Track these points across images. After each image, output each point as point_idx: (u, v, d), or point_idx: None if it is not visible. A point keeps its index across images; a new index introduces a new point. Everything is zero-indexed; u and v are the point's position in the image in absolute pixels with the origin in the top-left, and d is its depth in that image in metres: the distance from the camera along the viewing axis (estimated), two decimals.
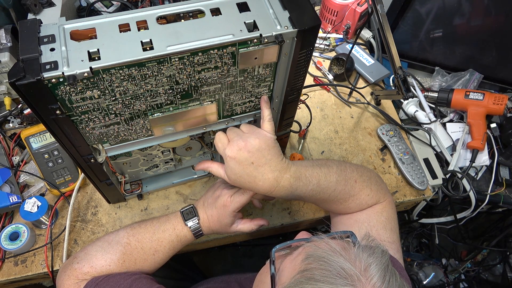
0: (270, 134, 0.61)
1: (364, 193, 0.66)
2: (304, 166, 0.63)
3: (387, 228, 0.65)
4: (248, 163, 0.58)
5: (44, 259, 0.77)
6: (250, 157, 0.58)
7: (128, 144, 0.66)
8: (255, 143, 0.58)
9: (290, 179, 0.60)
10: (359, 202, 0.67)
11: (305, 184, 0.61)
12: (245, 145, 0.58)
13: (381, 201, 0.68)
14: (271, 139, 0.61)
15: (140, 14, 0.53)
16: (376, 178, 0.71)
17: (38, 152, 0.82)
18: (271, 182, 0.59)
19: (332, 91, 1.08)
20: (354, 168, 0.68)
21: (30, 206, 0.76)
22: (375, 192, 0.67)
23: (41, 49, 0.48)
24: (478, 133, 1.00)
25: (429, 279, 1.50)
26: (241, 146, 0.58)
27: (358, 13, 1.09)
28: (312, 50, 0.59)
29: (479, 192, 0.99)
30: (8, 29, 0.91)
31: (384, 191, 0.70)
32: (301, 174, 0.61)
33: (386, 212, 0.67)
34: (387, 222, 0.66)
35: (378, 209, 0.67)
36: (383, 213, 0.67)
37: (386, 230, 0.65)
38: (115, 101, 0.55)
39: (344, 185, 0.65)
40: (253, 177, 0.59)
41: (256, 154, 0.58)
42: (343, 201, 0.66)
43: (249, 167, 0.58)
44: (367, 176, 0.68)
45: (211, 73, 0.57)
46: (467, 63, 1.12)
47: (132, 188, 0.84)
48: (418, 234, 1.60)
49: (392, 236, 0.65)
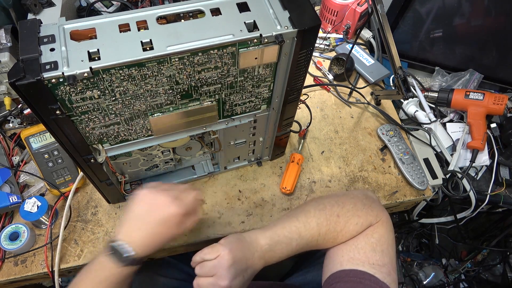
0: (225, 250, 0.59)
1: (351, 224, 0.64)
2: (281, 226, 0.63)
3: (377, 250, 0.61)
4: (242, 278, 0.59)
5: (44, 259, 0.77)
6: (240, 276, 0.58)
7: (128, 144, 0.66)
8: (228, 272, 0.57)
9: (271, 246, 0.61)
10: (350, 234, 0.64)
11: (287, 244, 0.61)
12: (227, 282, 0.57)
13: (373, 223, 0.65)
14: (228, 255, 0.59)
15: (140, 14, 0.53)
16: (363, 201, 0.67)
17: (38, 152, 0.82)
18: (261, 265, 0.61)
19: (332, 91, 1.08)
20: (334, 201, 0.66)
21: (30, 206, 0.76)
22: (363, 217, 0.64)
23: (41, 49, 0.48)
24: (478, 133, 1.00)
25: (429, 279, 1.50)
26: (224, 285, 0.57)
27: (358, 13, 1.09)
28: (312, 50, 0.59)
29: (479, 192, 0.99)
30: (8, 29, 0.91)
31: (375, 211, 0.66)
32: (279, 236, 0.61)
33: (377, 233, 0.63)
34: (378, 244, 0.62)
35: (368, 231, 0.64)
36: (374, 235, 0.63)
37: (375, 252, 0.61)
38: (115, 101, 0.55)
39: (327, 225, 0.63)
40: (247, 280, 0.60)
41: (238, 270, 0.58)
42: (334, 240, 0.64)
43: (242, 277, 0.59)
44: (350, 204, 0.66)
45: (211, 73, 0.57)
46: (467, 63, 1.12)
47: (132, 188, 0.84)
48: (418, 234, 1.60)
49: (383, 258, 0.60)
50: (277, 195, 0.88)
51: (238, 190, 0.89)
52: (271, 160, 0.93)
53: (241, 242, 0.61)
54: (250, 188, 0.89)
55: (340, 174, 0.93)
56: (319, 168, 0.93)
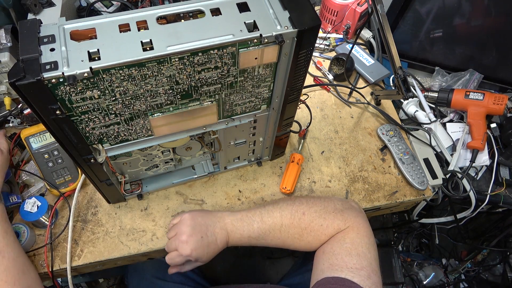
0: (186, 214, 0.71)
1: (316, 224, 0.68)
2: (247, 209, 0.72)
3: (353, 254, 0.63)
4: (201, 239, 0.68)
5: (44, 259, 0.77)
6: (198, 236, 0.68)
7: (128, 144, 0.66)
8: (187, 228, 0.68)
9: (233, 222, 0.70)
10: (315, 234, 0.68)
11: (248, 224, 0.69)
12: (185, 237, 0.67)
13: (342, 228, 0.67)
14: (189, 216, 0.70)
15: (140, 14, 0.53)
16: (336, 206, 0.70)
17: (38, 152, 0.82)
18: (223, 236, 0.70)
19: (332, 91, 1.08)
20: (305, 200, 0.71)
21: (30, 206, 0.76)
22: (330, 220, 0.67)
23: (41, 49, 0.48)
24: (478, 133, 1.00)
25: (429, 279, 1.51)
26: (183, 239, 0.67)
27: (358, 13, 1.09)
28: (312, 50, 0.59)
29: (479, 192, 0.99)
30: (8, 29, 0.91)
31: (345, 217, 0.68)
32: (243, 216, 0.71)
33: (348, 238, 0.65)
34: (352, 248, 0.64)
35: (339, 236, 0.66)
36: (346, 239, 0.65)
37: (351, 256, 0.63)
38: (115, 101, 0.55)
39: (291, 219, 0.69)
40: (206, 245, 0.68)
41: (197, 230, 0.68)
42: (299, 236, 0.69)
43: (201, 238, 0.68)
44: (320, 206, 0.70)
45: (211, 73, 0.57)
46: (467, 63, 1.12)
47: (132, 188, 0.84)
48: (418, 234, 1.60)
49: (360, 261, 0.62)
50: (277, 195, 0.88)
51: (238, 190, 0.89)
52: (271, 160, 0.93)
53: (204, 211, 0.73)
54: (250, 188, 0.89)
55: (340, 174, 0.93)
56: (319, 168, 0.93)
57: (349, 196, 0.90)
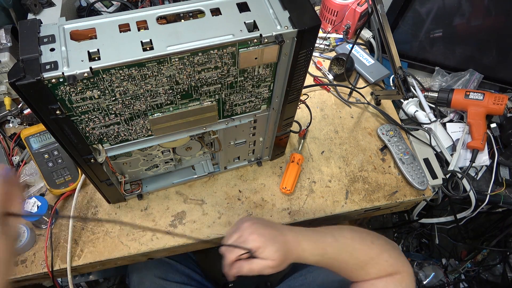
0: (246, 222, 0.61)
1: (382, 258, 0.63)
2: (312, 228, 0.63)
3: None
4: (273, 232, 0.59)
5: (44, 259, 0.77)
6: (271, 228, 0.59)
7: (128, 144, 0.66)
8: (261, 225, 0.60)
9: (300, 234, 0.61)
10: (379, 268, 0.63)
11: (322, 235, 0.62)
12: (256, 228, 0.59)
13: (400, 271, 0.64)
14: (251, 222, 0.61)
15: (140, 14, 0.53)
16: (394, 245, 0.67)
17: (38, 152, 0.82)
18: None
19: (332, 91, 1.08)
20: (364, 230, 0.66)
21: (30, 206, 0.76)
22: (394, 259, 0.64)
23: (41, 49, 0.48)
24: (478, 133, 1.00)
25: (429, 279, 1.50)
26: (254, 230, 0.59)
27: (358, 13, 1.09)
28: (312, 50, 0.59)
29: (479, 192, 0.99)
30: (8, 29, 0.91)
31: (402, 261, 0.65)
32: (313, 232, 0.62)
33: (404, 283, 0.63)
34: None
35: (397, 278, 0.63)
36: (402, 284, 0.63)
37: None
38: (115, 101, 0.55)
39: (361, 244, 0.63)
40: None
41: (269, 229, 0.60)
42: (364, 265, 0.63)
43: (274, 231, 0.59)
44: (383, 240, 0.66)
45: (211, 73, 0.57)
46: (467, 63, 1.12)
47: (132, 188, 0.84)
48: (418, 234, 1.60)
49: None
50: (277, 195, 0.88)
51: (238, 190, 0.89)
52: (271, 160, 0.93)
53: (263, 219, 0.63)
54: (250, 188, 0.89)
55: (340, 174, 0.93)
56: (319, 168, 0.93)
57: (349, 196, 0.90)
